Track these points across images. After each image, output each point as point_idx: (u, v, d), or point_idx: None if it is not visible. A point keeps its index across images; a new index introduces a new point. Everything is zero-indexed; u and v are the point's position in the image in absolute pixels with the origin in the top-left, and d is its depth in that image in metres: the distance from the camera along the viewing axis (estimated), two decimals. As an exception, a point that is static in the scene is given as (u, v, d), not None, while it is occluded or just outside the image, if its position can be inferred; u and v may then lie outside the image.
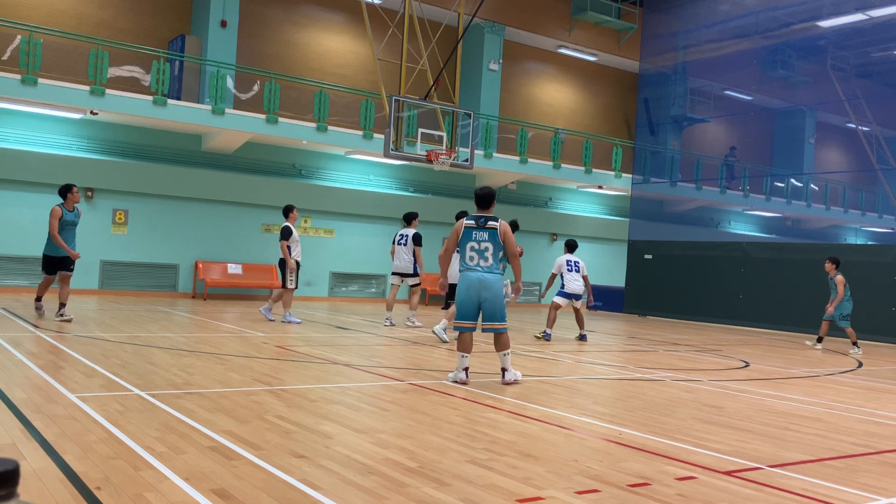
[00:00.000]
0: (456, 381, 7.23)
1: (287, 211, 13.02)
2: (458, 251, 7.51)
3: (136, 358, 7.75)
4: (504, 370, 7.35)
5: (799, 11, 21.74)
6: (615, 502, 3.71)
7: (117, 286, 18.10)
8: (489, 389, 6.95)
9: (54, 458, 3.93)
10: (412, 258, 13.33)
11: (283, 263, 12.84)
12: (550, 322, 12.75)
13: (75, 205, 11.10)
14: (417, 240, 13.31)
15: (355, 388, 6.71)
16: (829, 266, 13.69)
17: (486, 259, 7.26)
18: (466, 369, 7.26)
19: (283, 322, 12.75)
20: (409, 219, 13.65)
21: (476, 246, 7.26)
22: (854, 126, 24.41)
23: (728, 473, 4.38)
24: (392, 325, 13.46)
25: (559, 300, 12.84)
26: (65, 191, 11.04)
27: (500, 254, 7.34)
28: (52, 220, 10.79)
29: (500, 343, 7.30)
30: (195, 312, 14.27)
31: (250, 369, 7.40)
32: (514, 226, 11.38)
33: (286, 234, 12.76)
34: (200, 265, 18.92)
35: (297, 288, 13.08)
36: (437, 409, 5.87)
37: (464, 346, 7.28)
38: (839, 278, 13.40)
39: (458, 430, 5.12)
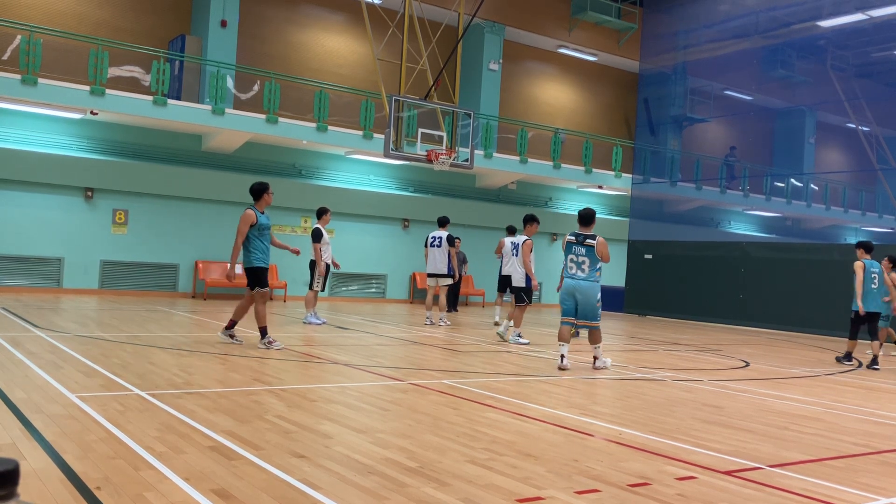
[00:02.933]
0: (559, 368, 8.63)
1: (321, 213, 12.88)
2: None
3: (136, 358, 7.75)
4: (595, 358, 8.93)
5: (799, 11, 21.74)
6: (615, 502, 3.71)
7: (117, 286, 18.10)
8: (489, 389, 6.95)
9: (54, 458, 3.93)
10: (447, 259, 13.93)
11: (313, 265, 12.77)
12: None
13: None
14: (452, 241, 14.08)
15: (355, 388, 6.71)
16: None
17: (583, 269, 8.76)
18: (563, 356, 8.68)
19: (304, 323, 12.76)
20: (443, 222, 14.41)
21: (575, 258, 8.78)
22: (854, 126, 24.41)
23: (728, 473, 4.38)
24: (431, 323, 13.97)
25: None
26: (260, 190, 9.23)
27: (598, 264, 8.79)
28: (243, 225, 8.95)
29: (594, 337, 8.87)
30: (195, 312, 14.28)
31: (250, 369, 7.40)
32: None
33: (317, 236, 12.67)
34: (200, 265, 18.92)
35: (322, 290, 13.05)
36: (437, 409, 5.87)
37: (561, 336, 8.82)
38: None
39: (458, 430, 5.12)
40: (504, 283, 14.64)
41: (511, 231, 15.33)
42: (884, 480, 4.45)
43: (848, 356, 11.38)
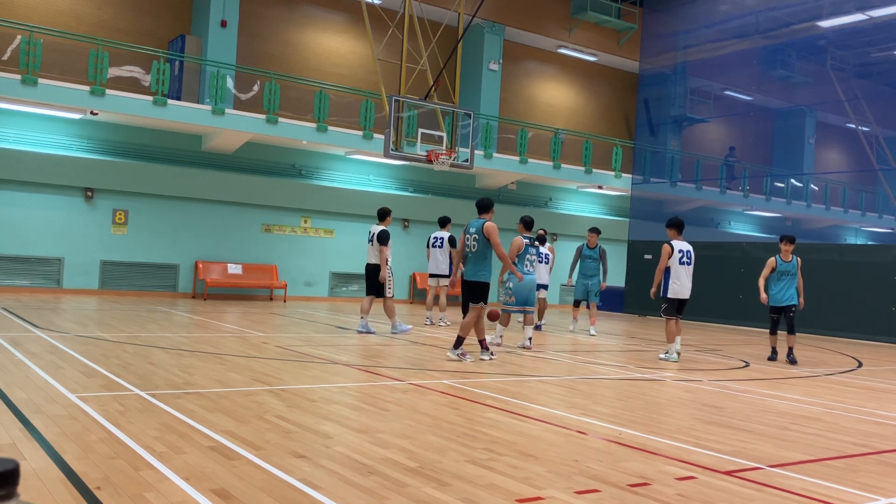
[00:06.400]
0: (493, 342, 10.59)
1: (384, 214, 12.09)
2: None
3: (136, 358, 7.75)
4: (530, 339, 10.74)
5: (799, 11, 21.73)
6: (615, 502, 3.71)
7: (117, 286, 18.10)
8: (489, 389, 6.95)
9: (54, 458, 3.93)
10: (448, 260, 13.80)
11: (377, 270, 11.88)
12: (539, 314, 13.63)
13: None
14: (454, 242, 13.86)
15: (355, 388, 6.71)
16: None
17: (534, 266, 10.83)
18: (502, 336, 10.91)
19: (392, 333, 11.77)
20: (444, 222, 14.25)
21: (531, 258, 10.68)
22: (854, 126, 24.41)
23: (728, 473, 4.38)
24: (431, 324, 13.97)
25: None
26: (490, 205, 9.41)
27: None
28: (497, 235, 9.08)
29: (530, 320, 10.79)
30: (195, 312, 14.28)
31: (250, 369, 7.40)
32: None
33: (386, 238, 11.77)
34: (200, 265, 18.92)
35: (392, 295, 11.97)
36: (437, 409, 5.87)
37: (505, 321, 10.92)
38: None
39: (458, 430, 5.12)
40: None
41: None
42: (884, 480, 4.45)
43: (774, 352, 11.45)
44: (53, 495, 3.36)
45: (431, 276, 14.14)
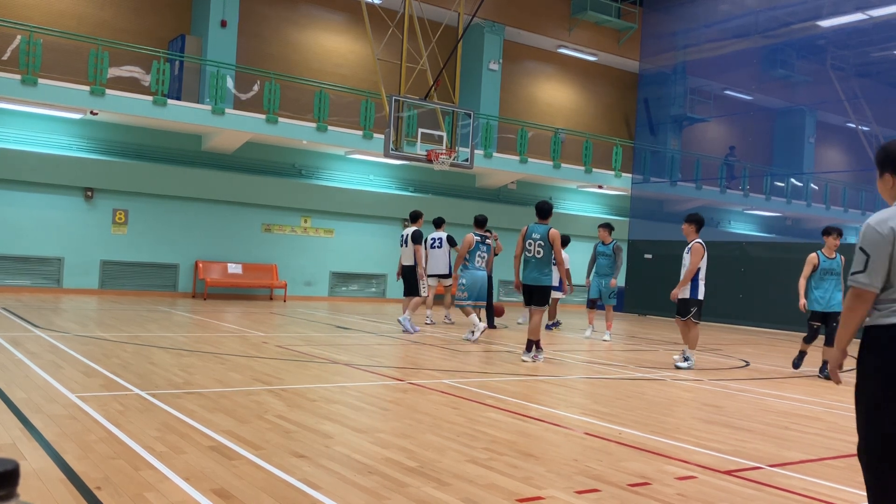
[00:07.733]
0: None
1: (417, 216, 12.93)
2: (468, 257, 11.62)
3: (136, 358, 7.75)
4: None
5: (799, 11, 21.74)
6: (615, 502, 3.72)
7: (117, 286, 18.10)
8: (489, 389, 6.95)
9: (54, 458, 3.93)
10: (448, 259, 13.82)
11: (411, 271, 12.49)
12: (550, 314, 14.16)
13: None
14: (452, 241, 13.97)
15: (355, 388, 6.71)
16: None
17: (484, 262, 11.69)
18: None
19: (399, 321, 12.40)
20: (439, 223, 14.26)
21: (482, 254, 11.52)
22: (854, 126, 24.42)
23: (728, 473, 4.38)
24: (432, 323, 13.97)
25: None
26: (551, 209, 9.58)
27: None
28: (559, 242, 9.25)
29: (475, 313, 11.50)
30: (195, 312, 14.28)
31: (250, 369, 7.40)
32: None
33: (420, 238, 12.50)
34: (200, 265, 18.92)
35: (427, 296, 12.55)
36: (437, 408, 5.86)
37: (468, 314, 11.53)
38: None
39: (458, 429, 5.12)
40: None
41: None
42: (884, 480, 4.45)
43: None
44: (53, 495, 3.37)
45: (431, 276, 14.10)
